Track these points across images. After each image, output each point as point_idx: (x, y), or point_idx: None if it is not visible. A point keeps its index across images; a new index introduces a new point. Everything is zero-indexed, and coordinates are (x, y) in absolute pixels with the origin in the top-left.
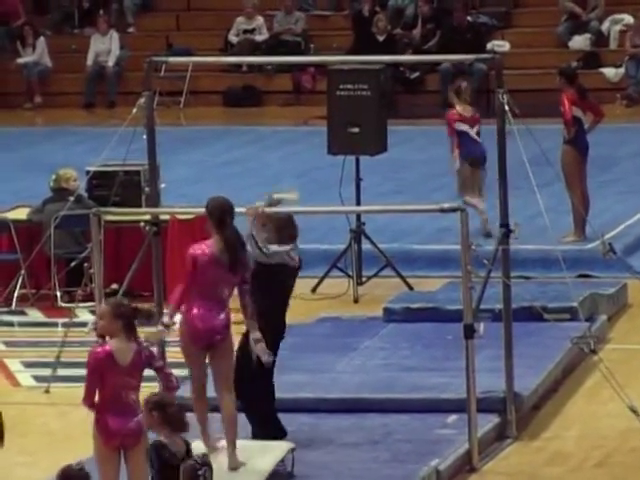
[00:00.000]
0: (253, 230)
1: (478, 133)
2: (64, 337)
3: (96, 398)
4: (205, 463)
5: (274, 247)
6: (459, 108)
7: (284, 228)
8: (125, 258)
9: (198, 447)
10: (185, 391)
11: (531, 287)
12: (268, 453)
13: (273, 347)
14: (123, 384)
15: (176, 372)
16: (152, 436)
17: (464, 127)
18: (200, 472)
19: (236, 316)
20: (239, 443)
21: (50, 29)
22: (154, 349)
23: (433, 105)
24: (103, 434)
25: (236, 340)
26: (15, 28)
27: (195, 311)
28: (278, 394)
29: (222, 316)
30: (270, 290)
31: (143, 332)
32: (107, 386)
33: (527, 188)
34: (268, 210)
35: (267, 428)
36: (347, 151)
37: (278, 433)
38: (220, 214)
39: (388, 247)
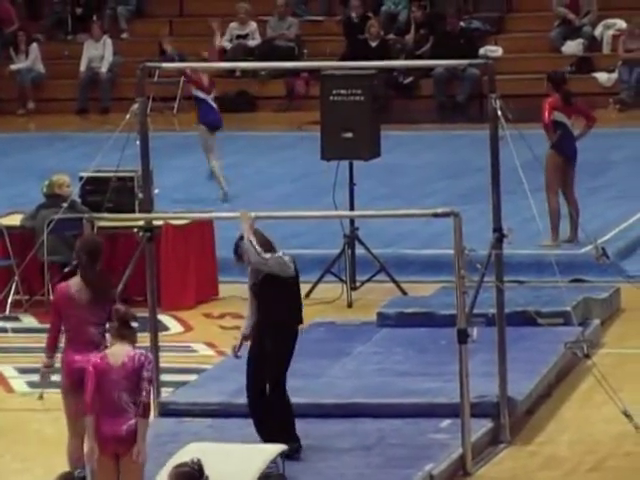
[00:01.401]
0: (250, 236)
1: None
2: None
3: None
4: (202, 469)
5: (268, 255)
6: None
7: (264, 241)
8: (119, 264)
9: (195, 450)
10: None
11: (524, 292)
12: (259, 455)
13: (286, 355)
14: (115, 386)
15: (169, 378)
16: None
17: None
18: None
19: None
20: (230, 446)
21: (43, 35)
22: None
23: (427, 110)
24: (98, 441)
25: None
26: (8, 34)
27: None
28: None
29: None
30: (274, 299)
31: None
32: (100, 389)
33: (520, 193)
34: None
35: (282, 438)
36: (341, 156)
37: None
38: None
39: (382, 252)
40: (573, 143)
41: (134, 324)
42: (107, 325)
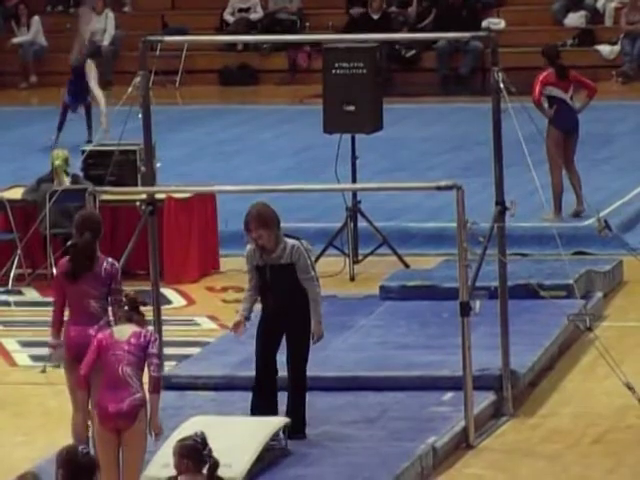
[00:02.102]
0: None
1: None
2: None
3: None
4: (206, 441)
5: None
6: None
7: None
8: (121, 237)
9: (198, 423)
10: None
11: (527, 264)
12: (263, 428)
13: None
14: (119, 359)
15: (172, 351)
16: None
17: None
18: (205, 452)
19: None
20: (233, 419)
21: (45, 8)
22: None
23: (429, 83)
24: (98, 414)
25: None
26: (10, 7)
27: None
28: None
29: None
30: (295, 284)
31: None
32: (104, 364)
33: (523, 166)
34: None
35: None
36: (343, 129)
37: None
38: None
39: (384, 225)
40: (572, 116)
41: (143, 309)
42: (109, 299)
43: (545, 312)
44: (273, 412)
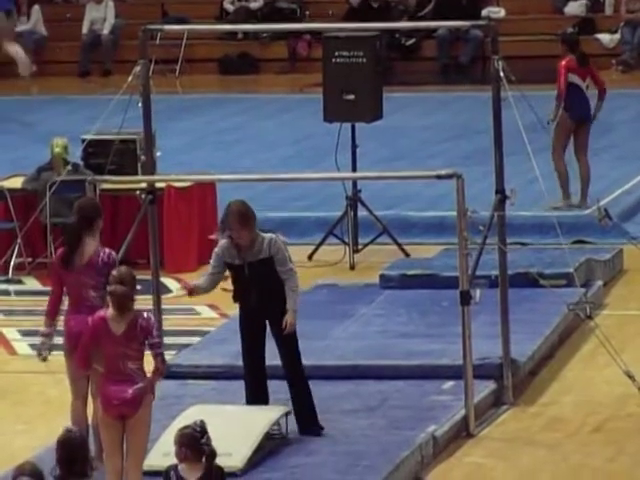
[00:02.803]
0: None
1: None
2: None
3: (100, 368)
4: (205, 430)
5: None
6: None
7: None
8: (121, 226)
9: (193, 414)
10: None
11: (527, 253)
12: (262, 416)
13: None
14: (119, 353)
15: (173, 340)
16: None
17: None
18: (203, 440)
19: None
20: (232, 408)
21: None
22: (153, 321)
23: (429, 72)
24: (102, 402)
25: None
26: None
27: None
28: (274, 361)
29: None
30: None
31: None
32: (105, 355)
33: (523, 154)
34: None
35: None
36: (343, 118)
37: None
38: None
39: (384, 214)
40: (586, 105)
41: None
42: (107, 288)
43: (545, 301)
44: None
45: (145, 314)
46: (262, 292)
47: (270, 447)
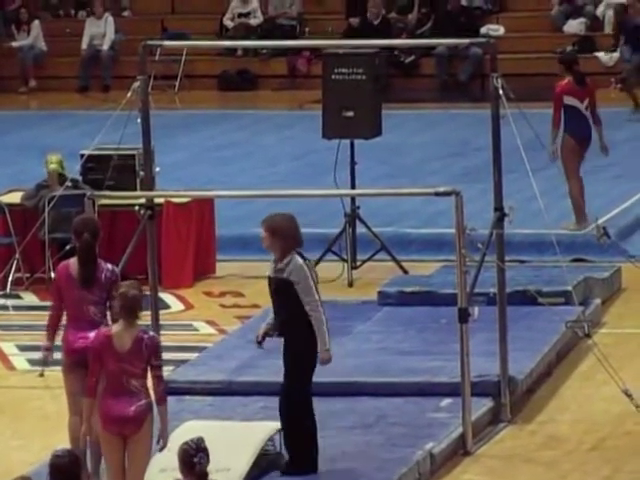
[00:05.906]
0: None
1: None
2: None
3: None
4: (200, 449)
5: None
6: None
7: None
8: (120, 242)
9: (192, 428)
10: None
11: (525, 271)
12: (257, 433)
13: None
14: (122, 370)
15: (170, 356)
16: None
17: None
18: (195, 459)
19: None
20: (227, 424)
21: (45, 12)
22: (158, 340)
23: (428, 89)
24: (102, 418)
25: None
26: (10, 11)
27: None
28: (271, 378)
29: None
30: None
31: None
32: (107, 371)
33: (521, 172)
34: None
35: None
36: (342, 135)
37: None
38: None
39: (383, 231)
40: (586, 125)
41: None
42: (108, 304)
43: (543, 318)
44: None
45: (151, 332)
46: (279, 312)
47: (265, 463)
